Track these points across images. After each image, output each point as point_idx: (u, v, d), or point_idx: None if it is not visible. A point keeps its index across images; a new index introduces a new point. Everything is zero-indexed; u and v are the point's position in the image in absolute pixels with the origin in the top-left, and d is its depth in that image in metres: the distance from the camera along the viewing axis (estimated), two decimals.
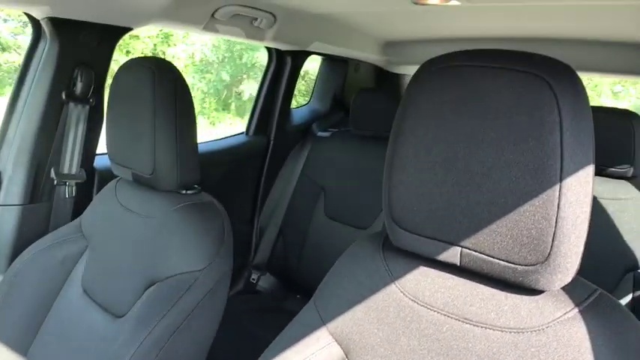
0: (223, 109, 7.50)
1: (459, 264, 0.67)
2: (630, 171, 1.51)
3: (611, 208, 1.52)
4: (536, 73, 0.59)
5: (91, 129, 1.44)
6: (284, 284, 2.14)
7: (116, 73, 1.16)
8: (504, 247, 0.62)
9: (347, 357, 0.75)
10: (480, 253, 0.64)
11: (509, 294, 0.66)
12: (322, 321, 0.79)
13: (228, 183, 1.99)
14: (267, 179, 2.17)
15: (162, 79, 1.08)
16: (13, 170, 1.33)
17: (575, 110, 0.58)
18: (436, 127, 0.66)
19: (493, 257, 0.63)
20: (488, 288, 0.67)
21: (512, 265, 0.62)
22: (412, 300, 0.71)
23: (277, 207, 2.16)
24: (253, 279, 2.14)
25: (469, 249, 0.65)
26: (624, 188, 1.54)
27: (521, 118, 0.59)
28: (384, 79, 2.48)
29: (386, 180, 0.73)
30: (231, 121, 7.19)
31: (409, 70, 2.47)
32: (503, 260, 0.62)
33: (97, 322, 1.12)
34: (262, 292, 2.15)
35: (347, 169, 1.98)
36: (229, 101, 7.49)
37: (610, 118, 1.50)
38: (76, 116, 1.38)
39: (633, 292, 1.46)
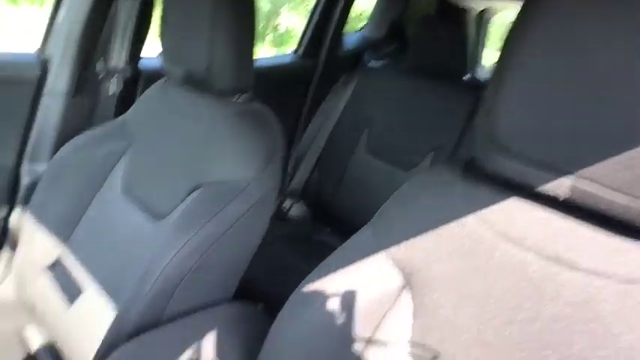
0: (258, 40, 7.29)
1: (570, 195, 0.58)
2: None
3: None
4: None
5: (140, 25, 1.36)
6: (315, 215, 2.09)
7: None
8: (631, 180, 0.53)
9: (407, 286, 0.69)
10: (599, 184, 0.55)
11: (622, 237, 0.57)
12: (381, 246, 0.71)
13: (270, 101, 1.91)
14: (312, 104, 2.07)
15: None
16: (60, 59, 1.28)
17: None
18: (570, 40, 0.55)
19: (614, 190, 0.54)
20: (595, 228, 0.58)
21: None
22: (495, 233, 0.63)
23: (318, 135, 2.07)
24: (285, 206, 2.10)
25: (584, 178, 0.56)
26: None
27: None
28: (447, 12, 2.30)
29: (490, 93, 0.63)
30: (267, 50, 7.01)
31: (478, 5, 2.28)
32: (628, 194, 0.54)
33: (136, 222, 1.08)
34: (292, 220, 2.11)
35: (397, 105, 1.85)
36: (266, 32, 7.25)
37: None
38: (126, 10, 1.32)
39: None
